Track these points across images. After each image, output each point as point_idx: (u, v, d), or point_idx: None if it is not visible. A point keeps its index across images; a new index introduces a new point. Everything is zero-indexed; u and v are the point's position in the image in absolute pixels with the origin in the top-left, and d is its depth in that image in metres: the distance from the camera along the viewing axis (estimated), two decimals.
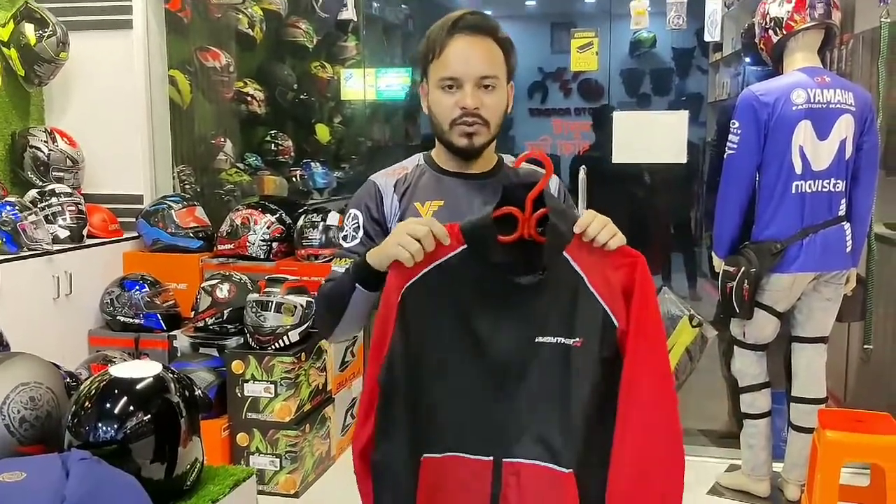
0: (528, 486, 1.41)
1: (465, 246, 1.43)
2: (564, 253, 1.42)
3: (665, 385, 1.43)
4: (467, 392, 1.43)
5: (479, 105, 1.59)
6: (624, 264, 1.42)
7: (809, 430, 3.09)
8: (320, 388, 3.58)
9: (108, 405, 1.58)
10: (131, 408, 1.58)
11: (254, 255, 3.87)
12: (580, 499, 1.40)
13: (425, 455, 1.44)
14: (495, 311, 1.42)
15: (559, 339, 1.41)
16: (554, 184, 1.73)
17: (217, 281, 3.62)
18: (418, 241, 1.40)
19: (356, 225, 1.68)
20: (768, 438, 3.25)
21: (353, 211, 1.70)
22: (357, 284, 1.55)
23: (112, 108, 3.99)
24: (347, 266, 1.61)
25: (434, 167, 1.71)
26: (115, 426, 1.56)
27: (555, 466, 1.41)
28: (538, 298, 1.42)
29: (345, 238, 1.70)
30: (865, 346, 3.46)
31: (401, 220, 1.62)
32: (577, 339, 1.41)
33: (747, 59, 5.54)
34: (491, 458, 1.42)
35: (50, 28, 3.65)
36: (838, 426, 2.77)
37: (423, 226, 1.42)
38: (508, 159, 1.76)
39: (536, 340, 1.42)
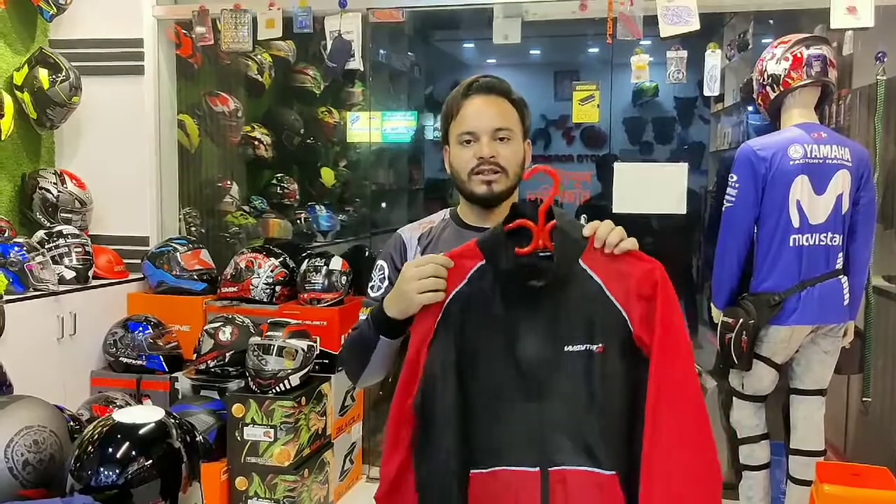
0: (575, 491, 1.44)
1: (484, 261, 1.49)
2: (580, 262, 1.47)
3: (694, 384, 1.45)
4: (506, 405, 1.48)
5: (496, 154, 1.68)
6: (641, 270, 1.46)
7: (808, 483, 3.08)
8: (320, 432, 3.59)
9: (110, 450, 1.61)
10: (133, 453, 1.61)
11: (257, 298, 3.90)
12: (626, 499, 1.43)
13: (473, 471, 1.47)
14: (522, 323, 1.48)
15: (585, 345, 1.46)
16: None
17: (220, 324, 3.65)
18: (429, 277, 1.48)
19: (382, 276, 1.77)
20: (767, 490, 3.24)
21: (380, 262, 1.79)
22: (380, 336, 1.61)
23: (121, 151, 4.06)
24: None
25: (458, 222, 1.78)
26: (117, 471, 1.59)
27: (598, 470, 1.44)
28: (561, 308, 1.47)
29: (372, 288, 1.78)
30: (864, 399, 3.47)
31: None
32: (600, 345, 1.46)
33: (749, 109, 5.64)
34: (538, 468, 1.46)
35: (63, 73, 3.73)
36: (836, 480, 2.77)
37: (423, 263, 1.50)
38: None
39: (566, 349, 1.46)
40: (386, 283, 1.75)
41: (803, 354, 3.16)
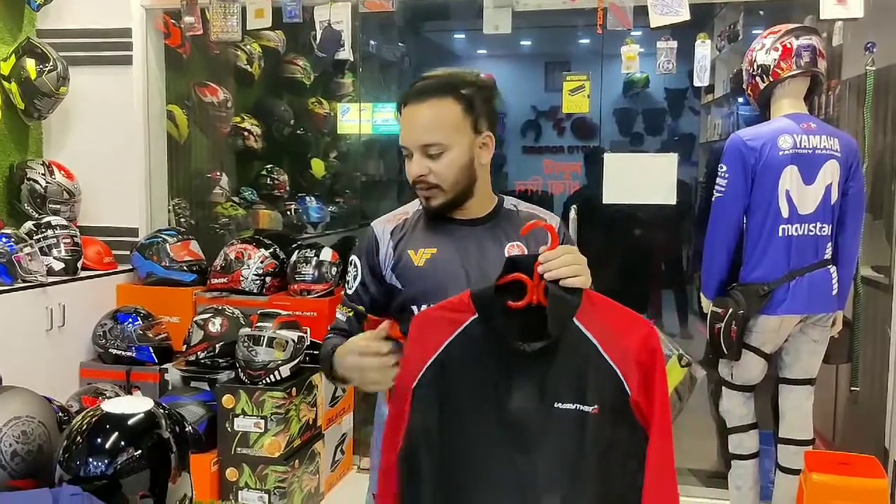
0: None
1: (476, 315, 1.45)
2: (575, 320, 1.42)
3: (671, 463, 1.45)
4: (491, 460, 1.43)
5: (424, 172, 1.64)
6: (639, 335, 1.42)
7: (796, 472, 3.10)
8: (310, 423, 3.59)
9: (99, 440, 1.61)
10: (122, 443, 1.61)
11: (247, 289, 3.89)
12: None
13: None
14: (512, 378, 1.43)
15: (577, 405, 1.41)
16: (555, 224, 1.75)
17: (210, 315, 3.64)
18: (375, 362, 1.49)
19: (355, 273, 1.75)
20: (756, 479, 3.26)
21: (353, 258, 1.77)
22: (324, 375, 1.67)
23: (110, 141, 4.04)
24: (349, 316, 1.71)
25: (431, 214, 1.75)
26: (106, 461, 1.59)
27: None
28: (553, 365, 1.42)
29: (347, 284, 1.77)
30: (853, 388, 3.49)
31: (394, 267, 1.68)
32: (594, 407, 1.41)
33: (740, 100, 5.64)
34: None
35: (51, 63, 3.70)
36: (824, 469, 2.79)
37: (363, 354, 1.51)
38: (510, 202, 1.79)
39: (555, 406, 1.42)
40: (357, 281, 1.74)
41: (792, 344, 3.17)
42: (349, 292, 1.74)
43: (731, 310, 3.07)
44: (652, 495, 1.40)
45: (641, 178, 3.63)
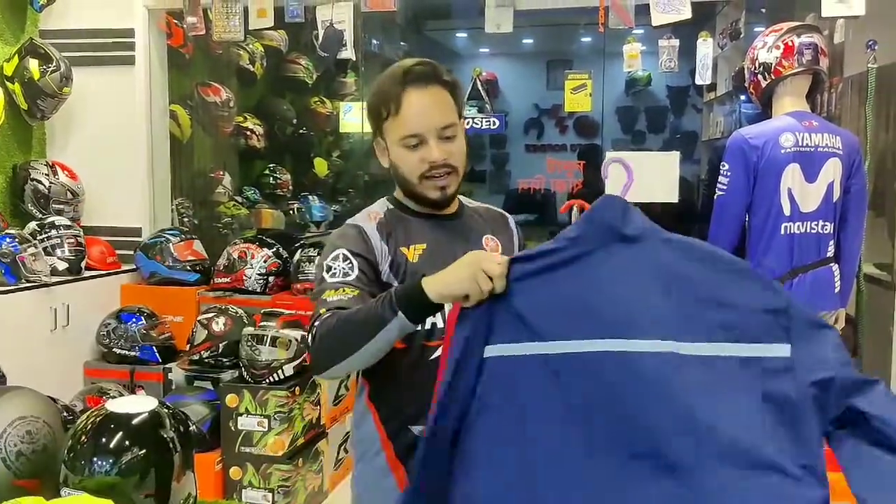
0: None
1: None
2: None
3: None
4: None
5: (447, 156, 1.61)
6: None
7: None
8: (314, 422, 3.60)
9: (103, 440, 1.61)
10: (126, 443, 1.61)
11: (250, 288, 3.91)
12: None
13: None
14: None
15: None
16: (510, 218, 1.82)
17: (213, 314, 3.65)
18: (490, 279, 1.32)
19: (350, 265, 1.59)
20: None
21: (340, 251, 1.61)
22: (400, 312, 1.41)
23: (113, 141, 4.05)
24: (350, 296, 1.53)
25: (406, 211, 1.70)
26: (111, 461, 1.59)
27: None
28: None
29: (333, 274, 1.58)
30: None
31: (391, 265, 1.62)
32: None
33: (742, 98, 5.64)
34: None
35: (54, 63, 3.71)
36: (833, 467, 2.79)
37: (500, 266, 1.33)
38: (462, 199, 1.77)
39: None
40: (356, 269, 1.57)
41: None
42: (344, 279, 1.56)
43: None
44: None
45: (644, 176, 3.63)
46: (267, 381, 3.37)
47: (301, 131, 5.71)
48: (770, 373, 1.19)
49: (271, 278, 3.93)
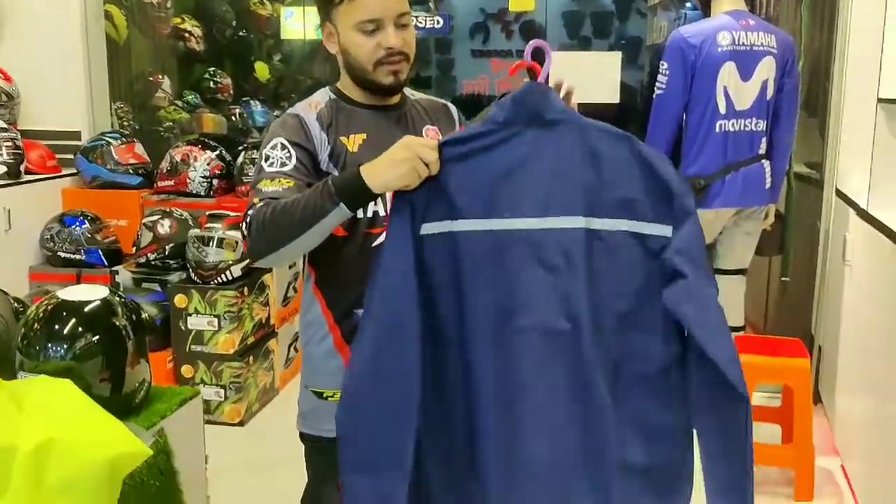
0: None
1: None
2: None
3: None
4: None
5: (403, 43, 1.63)
6: None
7: None
8: (263, 322, 3.66)
9: (56, 326, 1.65)
10: (80, 329, 1.65)
11: (194, 191, 3.89)
12: None
13: None
14: None
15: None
16: (453, 109, 1.84)
17: (158, 217, 3.64)
18: (427, 165, 1.37)
19: (288, 155, 1.60)
20: None
21: (279, 140, 1.61)
22: (341, 203, 1.43)
23: (47, 43, 3.93)
24: (286, 187, 1.53)
25: (348, 101, 1.71)
26: (65, 346, 1.63)
27: None
28: None
29: (271, 164, 1.59)
30: (783, 279, 3.66)
31: (330, 154, 1.64)
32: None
33: (688, 5, 5.67)
34: None
35: None
36: (752, 350, 2.96)
37: (433, 150, 1.37)
38: (406, 90, 1.77)
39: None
40: (294, 158, 1.58)
41: (726, 236, 3.31)
42: (283, 168, 1.57)
43: None
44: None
45: (586, 77, 3.67)
46: (215, 281, 3.40)
47: (241, 34, 5.58)
48: (653, 250, 1.34)
49: (215, 181, 3.92)
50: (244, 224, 1.53)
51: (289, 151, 1.59)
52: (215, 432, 2.09)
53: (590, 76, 3.67)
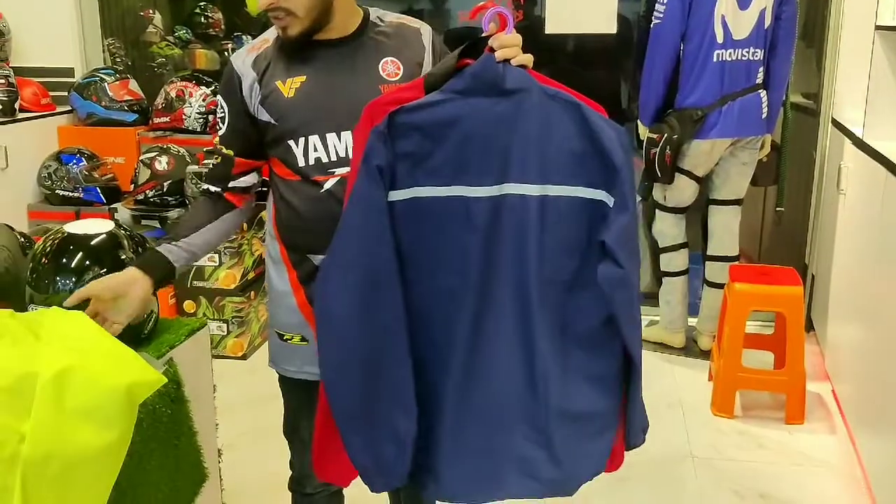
0: None
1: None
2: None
3: None
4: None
5: (276, 0, 1.53)
6: None
7: (722, 286, 3.33)
8: (263, 257, 3.69)
9: (64, 260, 1.67)
10: (87, 262, 1.67)
11: (190, 127, 3.88)
12: None
13: None
14: None
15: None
16: (426, 33, 1.69)
17: (155, 154, 3.64)
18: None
19: (223, 115, 1.66)
20: (685, 294, 3.50)
21: (218, 98, 1.68)
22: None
23: None
24: (216, 162, 1.72)
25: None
26: (73, 279, 1.65)
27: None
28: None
29: (221, 120, 1.68)
30: (778, 209, 3.70)
31: (263, 101, 1.60)
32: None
33: None
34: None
35: None
36: (747, 279, 3.01)
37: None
38: (375, 13, 1.68)
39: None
40: (226, 123, 1.65)
41: (722, 167, 3.33)
42: (220, 134, 1.67)
43: (665, 135, 3.19)
44: None
45: (582, 7, 3.64)
46: None
47: None
48: (599, 215, 1.39)
49: (211, 117, 3.90)
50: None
51: (224, 109, 1.66)
52: (219, 366, 2.12)
53: (586, 6, 3.64)
